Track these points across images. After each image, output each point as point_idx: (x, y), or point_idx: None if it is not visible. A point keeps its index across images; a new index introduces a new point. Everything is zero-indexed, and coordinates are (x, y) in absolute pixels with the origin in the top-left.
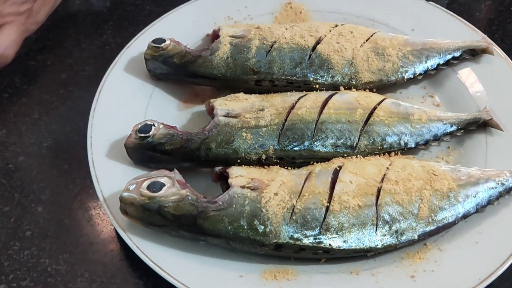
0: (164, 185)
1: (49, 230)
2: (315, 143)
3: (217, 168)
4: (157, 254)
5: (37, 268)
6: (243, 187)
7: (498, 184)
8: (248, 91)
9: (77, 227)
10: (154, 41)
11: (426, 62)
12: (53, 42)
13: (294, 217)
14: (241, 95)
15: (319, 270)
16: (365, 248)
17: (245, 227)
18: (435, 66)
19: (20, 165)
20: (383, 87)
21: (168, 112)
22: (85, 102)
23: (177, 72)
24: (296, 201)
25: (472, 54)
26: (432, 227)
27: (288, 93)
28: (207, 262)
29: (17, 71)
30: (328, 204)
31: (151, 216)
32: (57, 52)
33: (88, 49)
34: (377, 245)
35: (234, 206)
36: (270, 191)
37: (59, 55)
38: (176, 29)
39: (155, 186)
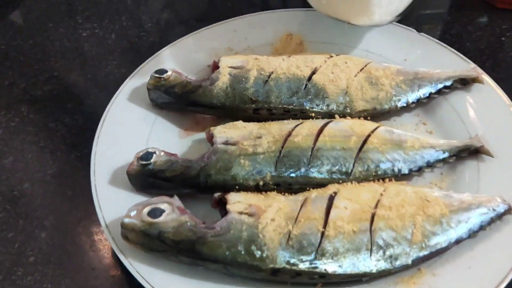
0: (164, 211)
1: (52, 255)
2: (311, 169)
3: (216, 194)
4: (157, 279)
5: None
6: (240, 213)
7: (489, 210)
8: (247, 119)
9: (79, 253)
10: (156, 71)
11: (418, 91)
12: (59, 72)
13: (290, 243)
14: (239, 123)
15: None
16: (360, 273)
17: (243, 252)
18: (427, 95)
19: (25, 192)
20: (377, 115)
21: (169, 140)
22: (89, 130)
23: (179, 101)
24: (292, 226)
25: (463, 83)
26: (426, 252)
27: (285, 121)
28: (206, 287)
29: (24, 101)
30: (323, 230)
31: (151, 242)
32: (63, 83)
33: (93, 79)
34: (372, 270)
35: (232, 231)
36: (267, 217)
37: (65, 85)
38: (178, 60)
39: (156, 213)
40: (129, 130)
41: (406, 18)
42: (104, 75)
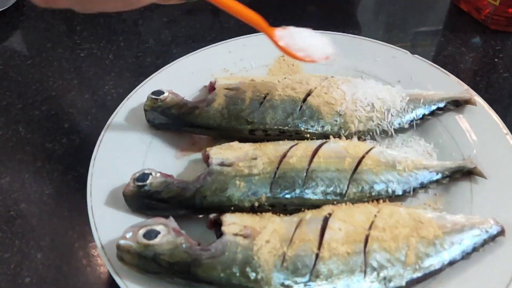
0: (159, 233)
1: (48, 276)
2: (306, 190)
3: (212, 216)
4: None
5: None
6: (235, 234)
7: (482, 231)
8: (243, 140)
9: (75, 274)
10: (153, 93)
11: (412, 112)
12: (57, 92)
13: (285, 264)
14: (235, 144)
15: None
16: None
17: (237, 274)
18: (420, 116)
19: (21, 212)
20: (371, 136)
21: (166, 161)
22: (86, 150)
23: (175, 122)
24: (287, 248)
25: (456, 104)
26: (419, 274)
27: (280, 142)
28: None
29: (21, 121)
30: (318, 251)
31: (146, 264)
32: (61, 103)
33: (91, 100)
34: None
35: (226, 253)
36: (262, 239)
37: (63, 105)
38: (175, 81)
39: (151, 234)
40: (125, 151)
41: (400, 40)
42: (101, 95)
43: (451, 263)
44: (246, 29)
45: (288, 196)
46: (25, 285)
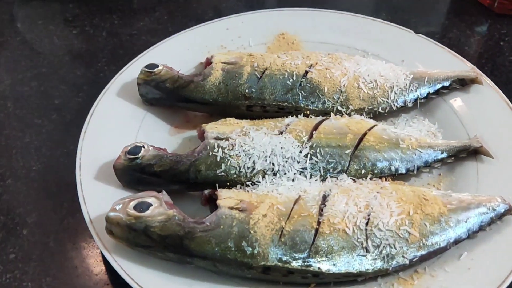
0: (151, 205)
1: (34, 253)
2: (306, 164)
3: (206, 191)
4: (142, 277)
5: None
6: (231, 208)
7: (489, 209)
8: (240, 116)
9: (62, 251)
10: (147, 66)
11: (416, 91)
12: (48, 69)
13: (282, 239)
14: (232, 120)
15: None
16: (355, 272)
17: (233, 248)
18: (425, 95)
19: (7, 188)
20: (373, 114)
21: (159, 137)
22: (77, 126)
23: (169, 97)
24: (285, 223)
25: (462, 84)
26: (423, 252)
27: (279, 118)
28: (193, 284)
29: (10, 97)
30: (317, 227)
31: (137, 237)
32: (51, 79)
33: (83, 76)
34: (368, 269)
35: (221, 227)
36: (258, 213)
37: (53, 82)
38: (170, 57)
39: (142, 206)
40: (117, 126)
41: (404, 23)
42: (93, 72)
43: (457, 241)
44: (245, 9)
45: (286, 172)
46: (9, 261)
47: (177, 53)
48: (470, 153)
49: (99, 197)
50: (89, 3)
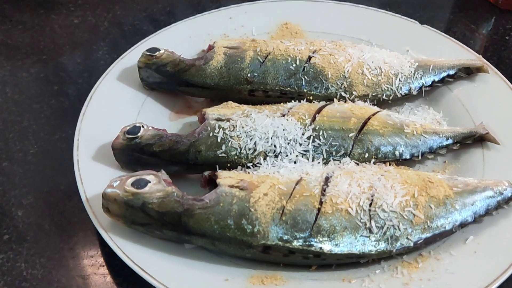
0: (149, 182)
1: (28, 234)
2: (308, 147)
3: (206, 173)
4: (139, 256)
5: (12, 272)
6: (231, 186)
7: (496, 193)
8: (242, 101)
9: (57, 232)
10: (148, 50)
11: (421, 79)
12: (48, 56)
13: (284, 218)
14: (233, 103)
15: (310, 277)
16: (358, 253)
17: (232, 226)
18: (430, 83)
19: (3, 170)
20: (377, 101)
21: (159, 122)
22: (75, 112)
23: (170, 81)
24: (287, 202)
25: (467, 72)
26: (428, 234)
27: (282, 103)
28: (191, 265)
29: (9, 82)
30: (319, 207)
31: (134, 214)
32: (51, 66)
33: (83, 64)
34: (371, 250)
35: (221, 204)
36: (259, 191)
37: (53, 68)
38: (172, 44)
39: (140, 183)
40: (116, 109)
41: (408, 17)
42: (94, 60)
43: (462, 224)
44: None
45: (288, 154)
46: (3, 242)
47: (179, 41)
48: (476, 140)
49: (96, 178)
50: None
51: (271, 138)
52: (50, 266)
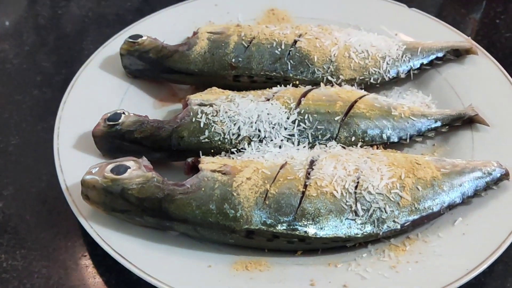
0: (129, 168)
1: (8, 225)
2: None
3: (189, 159)
4: (120, 244)
5: None
6: (214, 171)
7: (484, 174)
8: (227, 87)
9: (38, 223)
10: (130, 36)
11: (409, 62)
12: (31, 47)
13: (267, 202)
14: (218, 89)
15: (295, 262)
16: (344, 237)
17: (214, 211)
18: (418, 66)
19: None
20: (365, 85)
21: (142, 110)
22: (58, 103)
23: (153, 68)
24: (270, 186)
25: (456, 55)
26: (416, 216)
27: (267, 88)
28: (174, 252)
29: None
30: (304, 190)
31: (113, 201)
32: (35, 57)
33: (66, 54)
34: (357, 234)
35: (203, 189)
36: (242, 176)
37: (36, 60)
38: (157, 31)
39: (120, 169)
40: (98, 98)
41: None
42: (78, 50)
43: (451, 206)
44: None
45: (273, 139)
46: None
47: (164, 28)
48: (465, 122)
49: (77, 166)
50: None
51: (255, 122)
52: (30, 257)
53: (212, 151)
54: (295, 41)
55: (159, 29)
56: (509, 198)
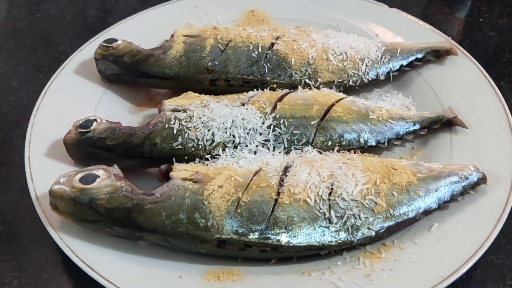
0: (98, 177)
1: None
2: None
3: (163, 166)
4: (89, 255)
5: None
6: (184, 179)
7: (461, 178)
8: (203, 92)
9: (10, 233)
10: (105, 41)
11: (388, 63)
12: (8, 51)
13: (239, 211)
14: (194, 94)
15: (268, 271)
16: (318, 245)
17: (184, 221)
18: (398, 67)
19: None
20: (344, 88)
21: (118, 115)
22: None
23: (129, 72)
24: (242, 193)
25: (436, 55)
26: (391, 223)
27: (244, 92)
28: (144, 262)
29: None
30: (276, 197)
31: (82, 211)
32: (11, 61)
33: (44, 58)
34: (331, 241)
35: (173, 198)
36: (214, 184)
37: (13, 64)
38: (134, 35)
39: (89, 178)
40: (73, 103)
41: (381, 1)
42: (55, 54)
43: (427, 212)
44: None
45: (248, 145)
46: None
47: (142, 31)
48: (444, 124)
49: (49, 174)
50: None
51: (230, 128)
52: (2, 268)
53: (186, 157)
54: (272, 44)
55: (137, 31)
56: (486, 203)
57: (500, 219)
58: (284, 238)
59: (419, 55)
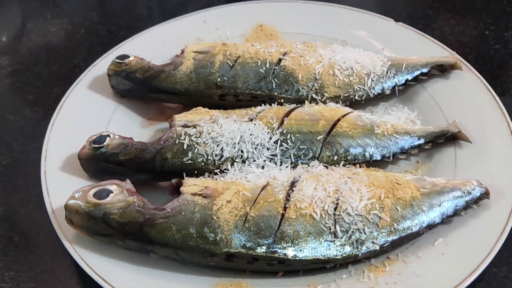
0: (111, 192)
1: None
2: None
3: (174, 180)
4: (103, 267)
5: None
6: (194, 194)
7: (464, 193)
8: (213, 106)
9: (27, 245)
10: (118, 57)
11: (394, 78)
12: (23, 66)
13: (247, 225)
14: (203, 109)
15: (276, 283)
16: (323, 258)
17: (194, 235)
18: (403, 82)
19: None
20: (350, 102)
21: (131, 129)
22: (49, 122)
23: (140, 87)
24: (250, 208)
25: (441, 70)
26: (395, 237)
27: (252, 107)
28: (156, 275)
29: None
30: (283, 212)
31: (96, 225)
32: (27, 75)
33: (58, 72)
34: (336, 255)
35: (183, 213)
36: (223, 199)
37: (29, 78)
38: (145, 50)
39: (102, 193)
40: (87, 118)
41: (386, 13)
42: (70, 68)
43: (430, 226)
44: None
45: (256, 159)
46: None
47: (153, 46)
48: (448, 138)
49: (64, 188)
50: (69, 1)
51: (238, 143)
52: (19, 278)
53: (196, 172)
54: (280, 60)
55: (148, 47)
56: (489, 217)
57: (503, 232)
58: (290, 252)
59: (424, 70)
